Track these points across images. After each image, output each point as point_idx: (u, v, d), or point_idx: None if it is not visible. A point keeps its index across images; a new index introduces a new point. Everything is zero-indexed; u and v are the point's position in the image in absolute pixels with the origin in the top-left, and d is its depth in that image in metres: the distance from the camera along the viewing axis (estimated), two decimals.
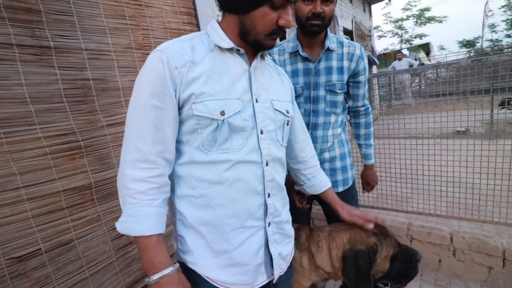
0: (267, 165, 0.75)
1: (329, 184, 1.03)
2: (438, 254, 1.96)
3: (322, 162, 1.24)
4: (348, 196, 1.33)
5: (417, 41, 19.14)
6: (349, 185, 1.35)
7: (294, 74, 1.21)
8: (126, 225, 0.64)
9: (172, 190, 0.74)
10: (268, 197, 0.76)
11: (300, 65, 1.21)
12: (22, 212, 1.07)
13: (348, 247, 0.94)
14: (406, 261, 0.98)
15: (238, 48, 0.73)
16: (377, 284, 1.00)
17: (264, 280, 0.79)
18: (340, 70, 1.22)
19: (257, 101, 0.75)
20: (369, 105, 1.41)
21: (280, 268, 0.81)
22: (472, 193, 1.98)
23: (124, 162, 0.65)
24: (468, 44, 19.44)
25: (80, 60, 1.25)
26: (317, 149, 1.22)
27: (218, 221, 0.72)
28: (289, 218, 0.89)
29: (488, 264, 1.78)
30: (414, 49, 14.85)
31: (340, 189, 1.32)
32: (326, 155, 1.29)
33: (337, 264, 0.96)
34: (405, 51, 13.59)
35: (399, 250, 0.97)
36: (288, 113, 0.83)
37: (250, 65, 0.76)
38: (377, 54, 7.45)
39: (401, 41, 20.62)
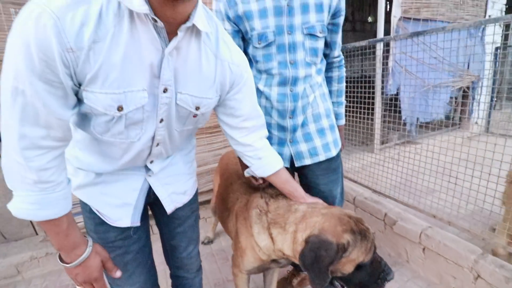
0: (157, 145, 0.72)
1: (280, 165, 0.93)
2: None
3: (305, 124, 1.09)
4: (332, 167, 1.16)
5: None
6: (339, 147, 1.20)
7: (262, 15, 0.96)
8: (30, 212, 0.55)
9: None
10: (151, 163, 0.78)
11: (269, 2, 0.95)
12: None
13: (316, 233, 0.84)
14: (373, 275, 0.86)
15: (155, 17, 0.52)
16: (334, 282, 0.89)
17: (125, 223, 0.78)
18: (320, 7, 0.96)
19: (165, 92, 0.62)
20: (343, 56, 1.21)
21: (174, 202, 0.87)
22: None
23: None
24: None
25: None
26: (297, 108, 1.05)
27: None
28: (185, 160, 0.90)
29: None
30: None
31: (331, 153, 1.14)
32: (309, 113, 1.09)
33: (298, 247, 0.86)
34: None
35: (371, 261, 0.85)
36: (198, 109, 0.71)
37: (168, 45, 0.57)
38: None
39: None
